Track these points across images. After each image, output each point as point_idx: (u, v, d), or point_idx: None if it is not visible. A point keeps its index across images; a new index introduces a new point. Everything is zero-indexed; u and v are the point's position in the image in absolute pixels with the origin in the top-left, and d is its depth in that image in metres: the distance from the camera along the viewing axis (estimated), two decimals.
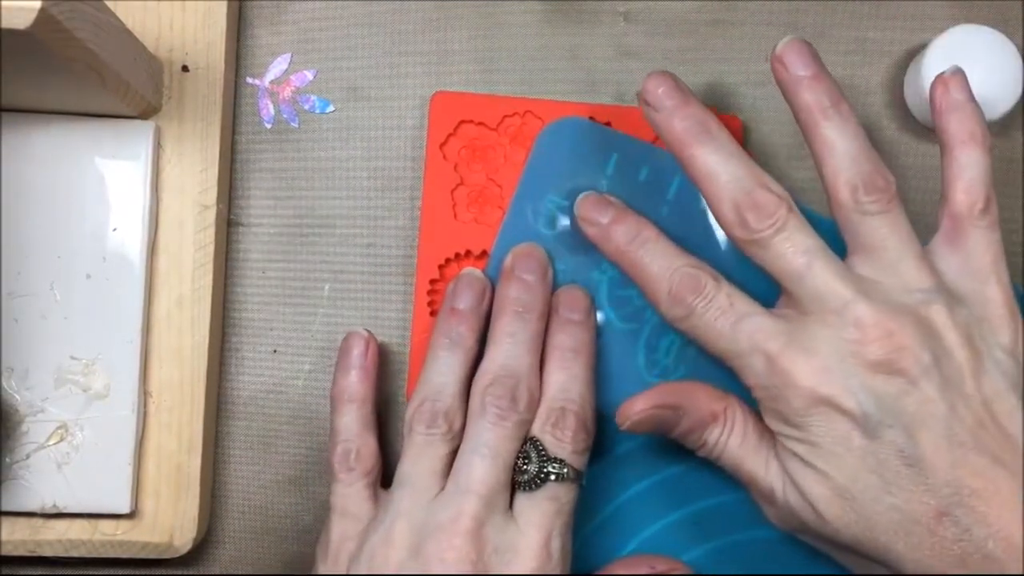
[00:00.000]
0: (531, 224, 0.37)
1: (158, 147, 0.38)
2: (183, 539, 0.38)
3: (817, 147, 0.32)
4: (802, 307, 0.31)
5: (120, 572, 0.40)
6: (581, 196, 0.36)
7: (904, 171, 0.40)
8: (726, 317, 0.32)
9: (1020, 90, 0.37)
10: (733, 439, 0.33)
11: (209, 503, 0.40)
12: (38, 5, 0.27)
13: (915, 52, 0.40)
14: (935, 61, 0.37)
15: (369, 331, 0.38)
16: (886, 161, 0.32)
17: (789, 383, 0.30)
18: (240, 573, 0.41)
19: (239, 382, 0.40)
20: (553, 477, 0.33)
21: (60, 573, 0.41)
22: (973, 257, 0.31)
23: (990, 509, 0.29)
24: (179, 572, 0.41)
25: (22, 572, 0.41)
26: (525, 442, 0.34)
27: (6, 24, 0.26)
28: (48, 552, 0.38)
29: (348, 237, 0.40)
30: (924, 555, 0.29)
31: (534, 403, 0.34)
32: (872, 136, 0.40)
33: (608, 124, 0.38)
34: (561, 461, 0.33)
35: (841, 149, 0.31)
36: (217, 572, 0.41)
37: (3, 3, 0.26)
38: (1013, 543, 0.28)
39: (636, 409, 0.33)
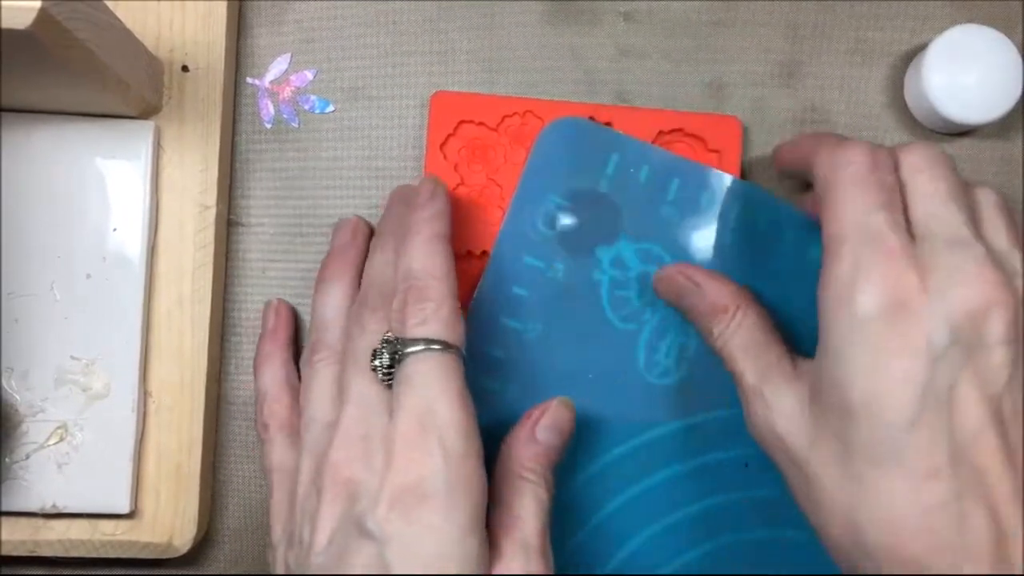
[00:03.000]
0: (531, 224, 0.37)
1: (158, 147, 0.38)
2: (183, 539, 0.38)
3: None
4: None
5: (120, 572, 0.40)
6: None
7: None
8: None
9: (1020, 90, 0.37)
10: (738, 337, 0.34)
11: (209, 503, 0.40)
12: (38, 5, 0.27)
13: (915, 52, 0.40)
14: (935, 61, 0.37)
15: (280, 299, 0.40)
16: None
17: None
18: (240, 573, 0.41)
19: (239, 382, 0.40)
20: (400, 357, 0.31)
21: (60, 573, 0.41)
22: None
23: (993, 495, 0.27)
24: (179, 572, 0.41)
25: (22, 572, 0.41)
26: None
27: (6, 24, 0.26)
28: (48, 552, 0.38)
29: None
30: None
31: (385, 299, 0.33)
32: (873, 137, 0.40)
33: (609, 124, 0.38)
34: (402, 339, 0.32)
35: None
36: (217, 572, 0.41)
37: (3, 3, 0.26)
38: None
39: (665, 270, 0.36)
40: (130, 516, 0.38)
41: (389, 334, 0.32)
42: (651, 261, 0.37)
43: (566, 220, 0.37)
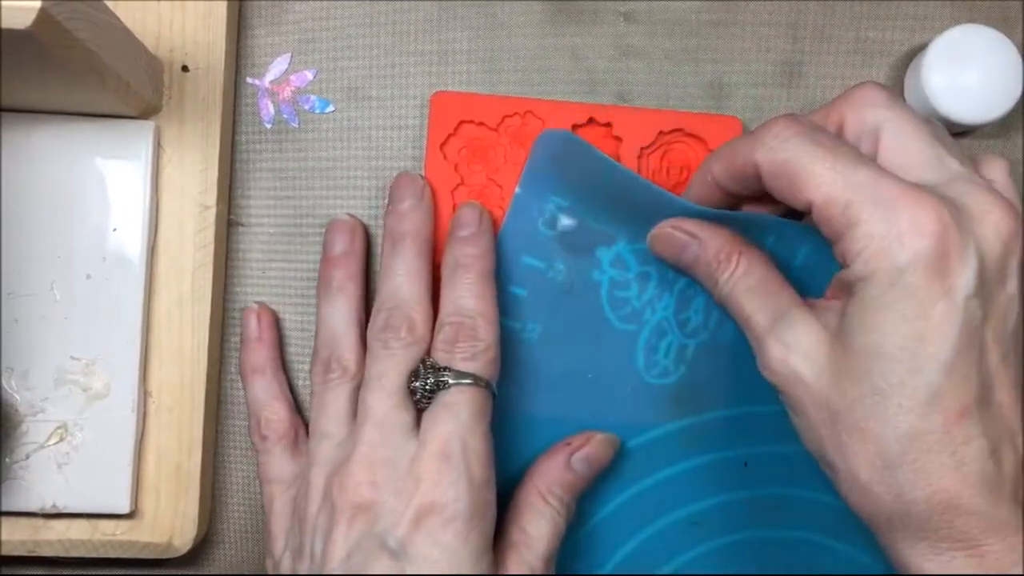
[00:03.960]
0: (531, 224, 0.37)
1: (158, 147, 0.38)
2: (183, 539, 0.38)
3: None
4: None
5: (120, 572, 0.40)
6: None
7: None
8: None
9: (1020, 90, 0.37)
10: (744, 280, 0.32)
11: (209, 503, 0.40)
12: (38, 5, 0.27)
13: (915, 52, 0.40)
14: (935, 61, 0.37)
15: (260, 303, 0.39)
16: None
17: None
18: (240, 573, 0.41)
19: (239, 382, 0.40)
20: (442, 386, 0.33)
21: (60, 573, 0.41)
22: None
23: (1011, 427, 0.28)
24: (179, 572, 0.41)
25: (22, 572, 0.41)
26: (419, 365, 0.34)
27: (6, 24, 0.26)
28: (48, 552, 0.38)
29: None
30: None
31: (420, 327, 0.34)
32: None
33: (609, 124, 0.38)
34: (448, 369, 0.33)
35: None
36: (217, 572, 0.41)
37: (3, 3, 0.26)
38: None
39: (658, 228, 0.34)
40: (130, 516, 0.38)
41: (430, 359, 0.34)
42: (651, 261, 0.37)
43: (566, 220, 0.37)
